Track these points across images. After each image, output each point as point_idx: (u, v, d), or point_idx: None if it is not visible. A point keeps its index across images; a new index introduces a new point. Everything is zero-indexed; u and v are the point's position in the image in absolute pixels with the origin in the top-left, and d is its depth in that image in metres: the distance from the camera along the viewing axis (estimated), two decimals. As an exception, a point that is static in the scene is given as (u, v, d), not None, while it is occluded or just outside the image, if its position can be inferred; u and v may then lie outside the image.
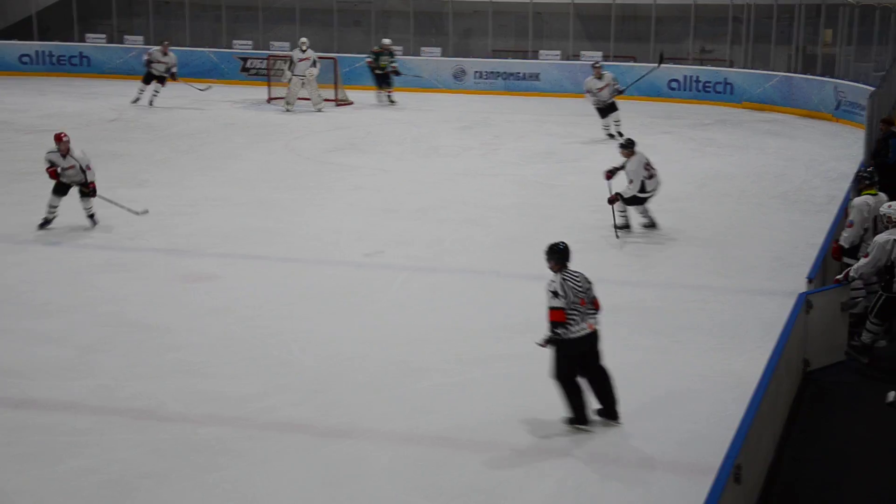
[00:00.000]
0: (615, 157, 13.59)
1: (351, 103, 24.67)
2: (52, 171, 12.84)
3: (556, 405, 7.74)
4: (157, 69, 23.63)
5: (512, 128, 21.93)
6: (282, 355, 9.49)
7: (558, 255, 7.91)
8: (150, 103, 23.68)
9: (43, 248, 12.63)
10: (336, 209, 14.78)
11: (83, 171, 13.00)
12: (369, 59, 24.60)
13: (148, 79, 23.72)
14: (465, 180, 16.53)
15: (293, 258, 12.31)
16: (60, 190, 13.04)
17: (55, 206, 13.08)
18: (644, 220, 13.40)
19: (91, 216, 13.26)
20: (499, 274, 11.83)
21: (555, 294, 7.67)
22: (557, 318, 7.67)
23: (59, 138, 12.88)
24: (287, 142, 20.19)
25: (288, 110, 23.56)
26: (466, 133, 21.44)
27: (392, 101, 24.55)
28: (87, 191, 13.13)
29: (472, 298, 11.05)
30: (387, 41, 24.77)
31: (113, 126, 21.62)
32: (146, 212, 13.44)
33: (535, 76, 27.04)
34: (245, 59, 28.43)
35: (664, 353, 9.47)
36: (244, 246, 12.79)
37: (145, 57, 23.97)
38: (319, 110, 23.73)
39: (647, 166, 13.11)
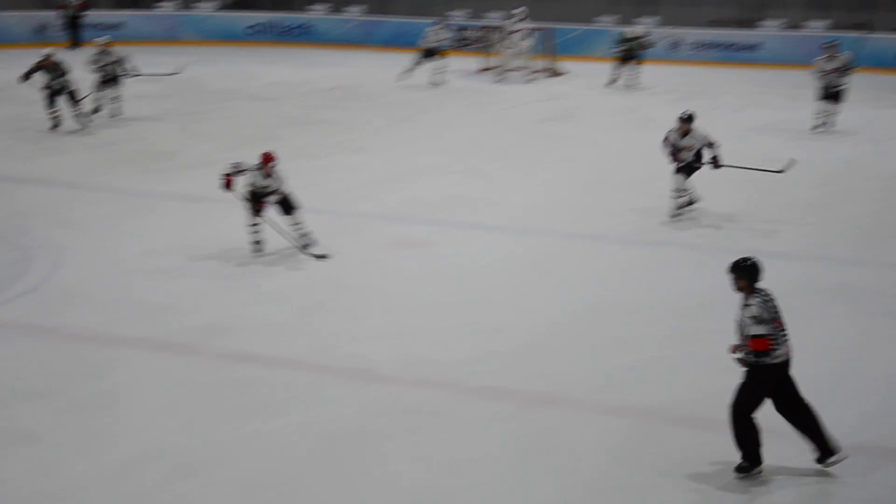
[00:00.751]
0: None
1: (563, 74, 24.56)
2: (229, 179, 11.11)
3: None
4: (433, 45, 23.08)
5: (729, 100, 21.32)
6: (491, 322, 9.63)
7: (750, 272, 6.83)
8: (435, 83, 23.01)
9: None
10: (546, 180, 14.81)
11: (277, 190, 11.22)
12: (617, 49, 23.01)
13: (428, 54, 23.05)
14: (679, 153, 16.24)
15: (503, 227, 12.41)
16: (259, 209, 11.27)
17: (257, 225, 11.36)
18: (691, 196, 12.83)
19: (304, 234, 11.41)
20: (712, 249, 11.60)
21: (758, 320, 6.65)
22: (762, 347, 6.65)
23: (269, 158, 11.10)
24: (499, 112, 20.30)
25: (500, 80, 23.68)
26: (681, 105, 20.91)
27: (633, 83, 22.76)
28: (288, 206, 11.29)
29: (684, 273, 10.90)
30: (637, 29, 23.15)
31: (333, 95, 22.21)
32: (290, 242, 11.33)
33: (756, 47, 26.18)
34: (459, 30, 28.65)
35: (882, 338, 9.12)
36: (456, 214, 13.00)
37: (427, 35, 23.21)
38: (531, 81, 23.74)
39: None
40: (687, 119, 12.63)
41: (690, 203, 12.78)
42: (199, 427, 7.66)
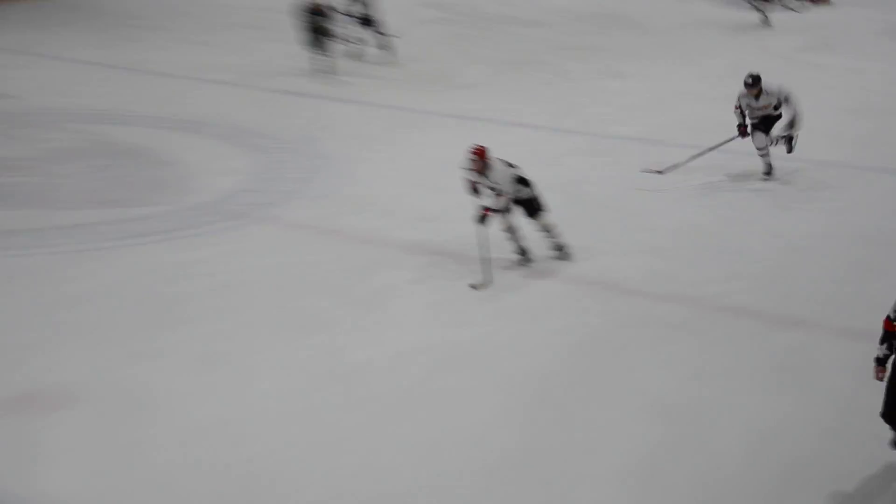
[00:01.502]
0: None
1: (827, 2, 23.22)
2: (487, 210, 8.62)
3: None
4: None
5: None
6: (740, 244, 9.51)
7: None
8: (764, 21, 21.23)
9: (527, 132, 13.24)
10: (805, 108, 14.18)
11: (500, 195, 8.67)
12: None
13: None
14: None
15: (754, 152, 12.04)
16: (483, 217, 8.68)
17: (513, 232, 8.99)
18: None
19: (560, 248, 9.16)
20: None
21: None
22: None
23: (478, 153, 8.63)
24: (759, 39, 19.55)
25: (756, 7, 22.61)
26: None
27: None
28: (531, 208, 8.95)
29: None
30: None
31: (595, 20, 21.94)
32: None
33: None
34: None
35: None
36: (712, 139, 12.68)
37: None
38: (794, 9, 22.57)
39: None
40: (753, 83, 11.05)
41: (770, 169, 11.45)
42: (461, 326, 7.93)
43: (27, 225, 10.02)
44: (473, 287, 8.58)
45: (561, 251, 9.17)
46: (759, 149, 11.26)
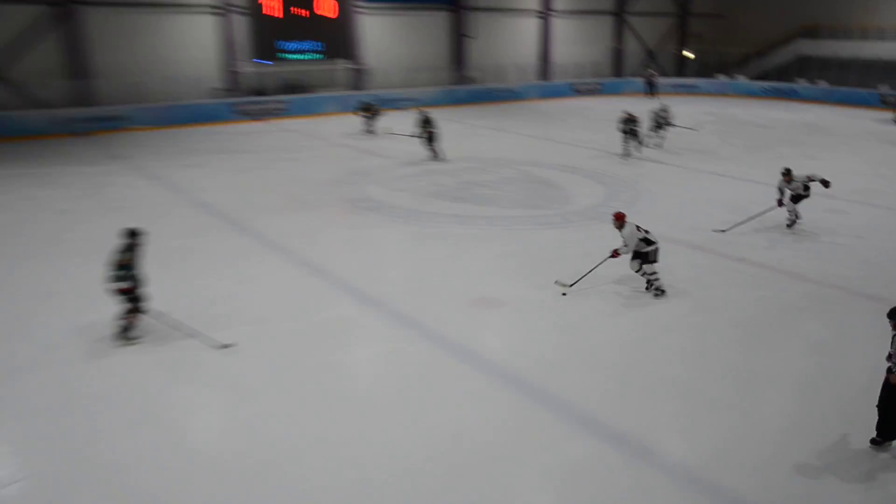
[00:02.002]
0: None
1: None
2: (616, 252, 7.29)
3: None
4: None
5: None
6: (876, 258, 8.53)
7: None
8: None
9: (756, 185, 12.17)
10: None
11: (625, 244, 7.25)
12: None
13: None
14: None
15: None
16: (614, 255, 7.36)
17: (644, 274, 7.39)
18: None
19: (654, 284, 7.36)
20: None
21: None
22: None
23: (618, 217, 7.28)
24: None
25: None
26: None
27: None
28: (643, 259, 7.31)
29: None
30: None
31: (802, 126, 19.60)
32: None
33: None
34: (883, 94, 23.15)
35: None
36: (864, 197, 11.31)
37: None
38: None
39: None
40: (786, 173, 9.45)
41: (795, 220, 9.59)
42: (680, 292, 7.38)
43: (484, 214, 10.12)
44: (558, 283, 7.29)
45: (651, 289, 7.34)
46: (790, 211, 9.66)
